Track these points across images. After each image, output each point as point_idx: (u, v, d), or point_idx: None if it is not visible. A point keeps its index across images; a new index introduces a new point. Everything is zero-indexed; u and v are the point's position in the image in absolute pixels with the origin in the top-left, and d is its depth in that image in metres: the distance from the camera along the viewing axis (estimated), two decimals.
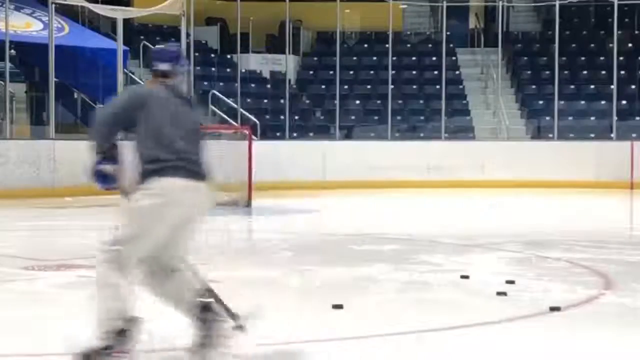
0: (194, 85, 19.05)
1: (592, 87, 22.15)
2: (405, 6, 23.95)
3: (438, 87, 20.91)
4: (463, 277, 7.33)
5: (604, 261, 8.47)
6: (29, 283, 6.93)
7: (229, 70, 21.73)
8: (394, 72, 20.99)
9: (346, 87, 21.66)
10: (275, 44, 23.21)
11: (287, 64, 21.52)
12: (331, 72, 20.74)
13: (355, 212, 14.77)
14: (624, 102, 21.11)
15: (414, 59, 23.29)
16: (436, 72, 21.41)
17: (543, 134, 20.78)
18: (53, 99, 16.32)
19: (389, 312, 6.13)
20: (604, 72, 21.74)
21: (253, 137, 15.19)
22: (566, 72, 21.81)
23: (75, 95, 19.36)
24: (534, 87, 22.39)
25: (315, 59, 23.54)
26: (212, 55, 22.61)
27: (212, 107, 20.39)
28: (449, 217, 13.84)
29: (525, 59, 23.32)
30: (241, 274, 7.74)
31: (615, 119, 20.06)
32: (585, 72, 22.56)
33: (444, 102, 20.36)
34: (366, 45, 23.70)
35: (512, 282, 7.09)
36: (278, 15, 22.02)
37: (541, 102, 21.67)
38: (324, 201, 16.11)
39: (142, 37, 21.28)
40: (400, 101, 21.76)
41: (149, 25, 22.29)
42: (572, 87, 22.07)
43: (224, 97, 20.29)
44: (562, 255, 8.84)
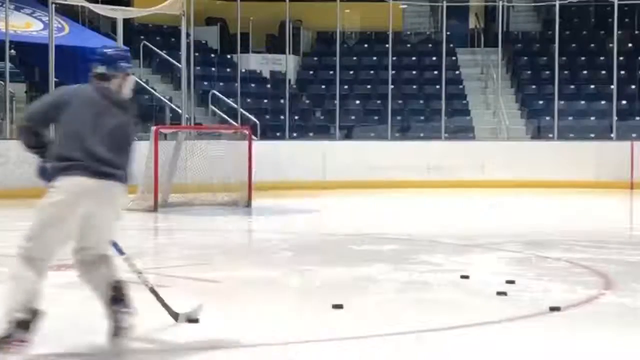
0: (194, 85, 19.03)
1: (592, 87, 22.15)
2: (405, 6, 23.95)
3: (438, 87, 20.90)
4: (463, 277, 7.33)
5: (604, 261, 8.47)
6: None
7: (229, 70, 21.73)
8: (394, 72, 20.97)
9: (346, 87, 21.65)
10: (275, 44, 23.21)
11: (287, 64, 21.51)
12: (331, 72, 20.72)
13: (355, 212, 14.76)
14: (624, 102, 21.11)
15: (414, 59, 23.29)
16: (436, 72, 21.40)
17: (543, 134, 20.77)
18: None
19: (389, 312, 6.13)
20: (604, 72, 21.74)
21: (253, 137, 15.18)
22: (566, 72, 21.80)
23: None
24: (534, 87, 22.38)
25: (315, 59, 23.53)
26: (212, 55, 22.60)
27: (212, 107, 20.39)
28: (449, 217, 13.84)
29: (525, 59, 23.32)
30: (241, 274, 7.74)
31: (615, 119, 20.05)
32: (585, 72, 22.56)
33: (444, 102, 20.35)
34: (366, 45, 23.70)
35: (512, 282, 7.09)
36: (278, 15, 22.01)
37: (541, 102, 21.66)
38: (324, 201, 16.11)
39: (142, 37, 21.30)
40: (400, 101, 21.75)
41: (149, 25, 22.30)
42: (572, 87, 22.07)
43: (224, 97, 20.28)
44: (562, 255, 8.84)
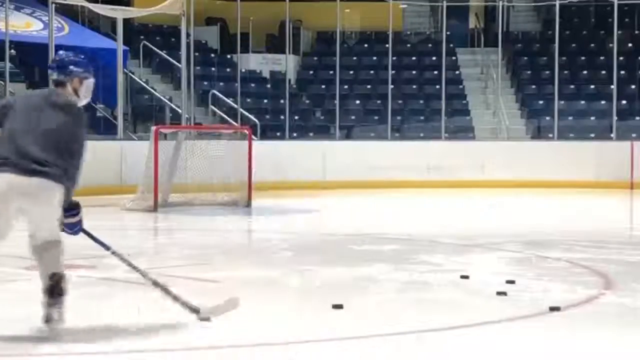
0: (194, 85, 19.03)
1: (592, 87, 22.15)
2: (405, 6, 23.94)
3: (438, 87, 20.89)
4: (463, 277, 7.33)
5: (604, 261, 8.46)
6: (29, 283, 6.91)
7: (229, 70, 21.72)
8: (394, 72, 20.96)
9: (346, 87, 21.65)
10: (275, 44, 23.20)
11: (287, 64, 21.51)
12: (331, 72, 20.71)
13: (355, 212, 14.76)
14: (624, 102, 21.11)
15: (414, 59, 23.28)
16: (436, 72, 21.40)
17: (543, 134, 20.77)
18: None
19: (389, 312, 6.13)
20: (604, 72, 21.73)
21: (253, 137, 15.19)
22: (566, 72, 21.79)
23: None
24: (534, 87, 22.38)
25: (315, 59, 23.53)
26: (212, 55, 22.60)
27: (212, 107, 20.39)
28: (449, 217, 13.83)
29: (525, 59, 23.31)
30: (241, 274, 7.74)
31: (615, 119, 20.05)
32: (585, 72, 22.56)
33: (444, 102, 20.35)
34: (366, 45, 23.69)
35: (512, 282, 7.09)
36: (278, 15, 22.01)
37: (541, 102, 21.66)
38: (324, 201, 16.11)
39: (142, 37, 21.30)
40: (400, 101, 21.74)
41: (149, 25, 22.29)
42: (572, 87, 22.07)
43: (224, 97, 20.28)
44: (562, 255, 8.84)
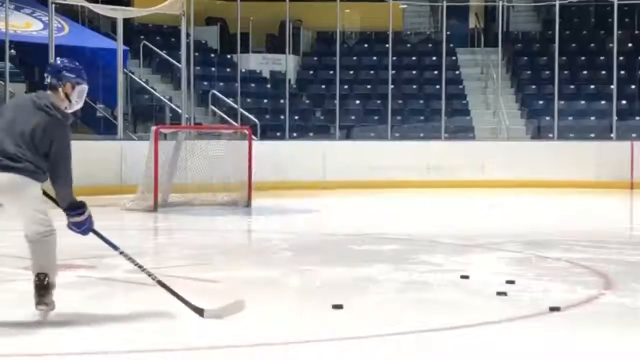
0: (194, 85, 19.03)
1: (592, 87, 22.15)
2: (405, 6, 23.94)
3: (438, 87, 20.89)
4: (463, 277, 7.32)
5: (604, 261, 8.46)
6: (29, 283, 6.91)
7: (229, 70, 21.72)
8: (394, 72, 20.96)
9: (346, 87, 21.65)
10: (275, 44, 23.20)
11: (287, 63, 21.51)
12: (331, 72, 20.71)
13: (355, 212, 14.76)
14: (624, 102, 21.11)
15: (414, 59, 23.28)
16: (436, 72, 21.40)
17: (543, 134, 20.77)
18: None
19: (389, 312, 6.12)
20: (604, 72, 21.73)
21: (253, 137, 15.18)
22: (566, 72, 21.80)
23: None
24: (534, 87, 22.38)
25: (315, 59, 23.53)
26: (212, 55, 22.60)
27: (212, 107, 20.39)
28: (449, 217, 13.83)
29: (525, 59, 23.31)
30: (241, 274, 7.74)
31: (615, 119, 20.05)
32: (585, 72, 22.56)
33: (444, 102, 20.35)
34: (366, 45, 23.69)
35: (512, 282, 7.08)
36: (278, 15, 22.01)
37: (541, 102, 21.66)
38: (324, 201, 16.11)
39: (142, 37, 21.29)
40: (400, 101, 21.75)
41: (149, 25, 22.29)
42: (572, 87, 22.07)
43: (224, 97, 20.28)
44: (562, 255, 8.84)
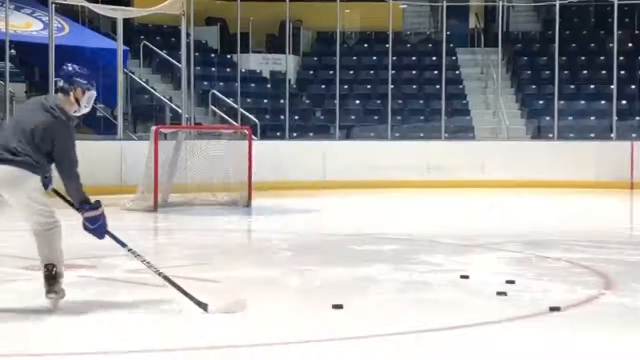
0: (194, 85, 19.02)
1: (592, 87, 22.15)
2: (405, 6, 23.94)
3: (438, 87, 20.89)
4: (463, 277, 7.33)
5: (604, 261, 8.46)
6: (29, 283, 6.92)
7: (229, 70, 21.72)
8: (394, 72, 20.96)
9: (346, 87, 21.65)
10: (275, 44, 23.20)
11: (287, 63, 21.51)
12: (331, 72, 20.71)
13: (355, 212, 14.75)
14: (624, 102, 21.10)
15: (414, 59, 23.28)
16: (436, 72, 21.39)
17: (543, 134, 20.77)
18: None
19: (389, 312, 6.13)
20: (604, 72, 21.73)
21: (253, 137, 15.19)
22: (566, 72, 21.80)
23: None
24: (534, 87, 22.38)
25: (315, 59, 23.53)
26: (212, 55, 22.60)
27: (212, 107, 20.39)
28: (449, 217, 13.83)
29: (525, 59, 23.32)
30: (241, 274, 7.74)
31: (615, 119, 20.05)
32: (585, 72, 22.56)
33: (444, 102, 20.35)
34: (366, 45, 23.69)
35: (512, 282, 7.08)
36: (278, 15, 22.01)
37: (541, 102, 21.66)
38: (324, 201, 16.11)
39: (142, 37, 21.29)
40: (400, 101, 21.75)
41: (149, 25, 22.29)
42: (572, 87, 22.07)
43: (224, 97, 20.28)
44: (562, 255, 8.84)
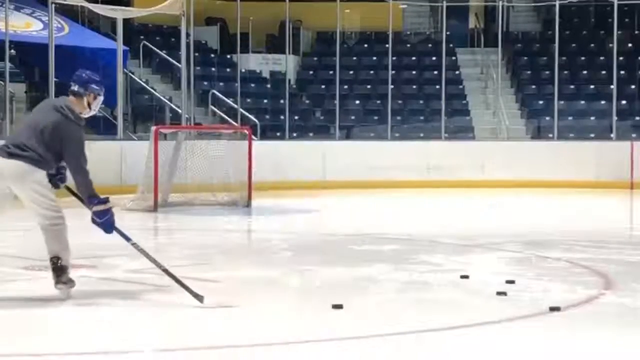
0: (194, 85, 19.02)
1: (592, 87, 22.15)
2: (405, 6, 23.94)
3: (438, 87, 20.89)
4: (463, 277, 7.33)
5: (604, 261, 8.46)
6: (29, 283, 6.93)
7: (229, 70, 21.72)
8: (394, 72, 20.96)
9: (346, 87, 21.64)
10: (275, 44, 23.20)
11: (287, 64, 21.51)
12: (331, 72, 20.71)
13: (355, 212, 14.76)
14: (624, 102, 21.11)
15: (414, 59, 23.28)
16: (436, 72, 21.39)
17: (543, 134, 20.77)
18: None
19: (389, 312, 6.13)
20: (604, 72, 21.73)
21: (253, 137, 15.19)
22: (566, 72, 21.80)
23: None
24: (534, 87, 22.38)
25: (315, 59, 23.53)
26: (212, 55, 22.60)
27: (212, 107, 20.39)
28: (449, 217, 13.83)
29: (525, 59, 23.31)
30: (241, 274, 7.74)
31: (615, 119, 20.05)
32: (585, 72, 22.56)
33: (443, 102, 20.35)
34: (366, 45, 23.69)
35: (512, 282, 7.09)
36: (278, 15, 22.01)
37: (541, 102, 21.66)
38: (324, 201, 16.11)
39: (142, 37, 21.29)
40: (400, 101, 21.74)
41: (149, 25, 22.29)
42: (572, 87, 22.07)
43: (224, 97, 20.27)
44: (562, 255, 8.84)
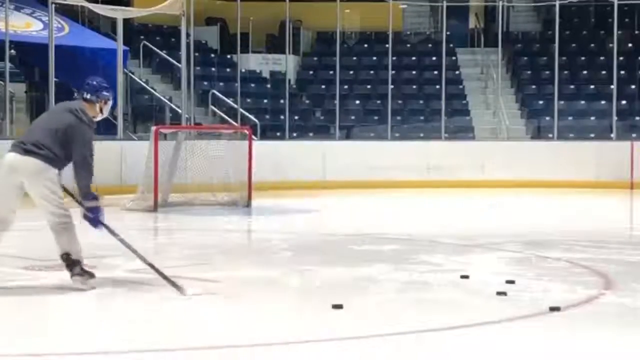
0: (194, 85, 19.02)
1: (592, 87, 22.14)
2: (405, 6, 23.94)
3: (438, 87, 20.89)
4: (463, 277, 7.33)
5: (604, 261, 8.47)
6: (29, 283, 6.93)
7: (229, 70, 21.72)
8: (394, 72, 20.95)
9: (346, 87, 21.64)
10: (275, 44, 23.21)
11: (287, 64, 21.50)
12: (331, 72, 20.70)
13: (355, 212, 14.76)
14: (624, 102, 21.10)
15: (414, 59, 23.28)
16: (436, 72, 21.39)
17: (543, 134, 20.77)
18: (53, 99, 16.30)
19: (389, 312, 6.13)
20: (604, 72, 21.72)
21: (253, 137, 15.18)
22: (566, 72, 21.79)
23: (75, 95, 19.32)
24: (534, 87, 22.38)
25: (315, 59, 23.53)
26: (212, 55, 22.60)
27: (212, 107, 20.39)
28: (449, 217, 13.83)
29: (525, 59, 23.31)
30: (241, 274, 7.74)
31: (615, 119, 20.05)
32: (585, 72, 22.55)
33: (444, 102, 20.34)
34: (366, 45, 23.69)
35: (512, 282, 7.09)
36: (278, 15, 22.01)
37: (541, 102, 21.66)
38: (324, 201, 16.11)
39: (142, 37, 21.29)
40: (400, 101, 21.74)
41: (149, 25, 22.29)
42: (572, 87, 22.06)
43: (224, 97, 20.27)
44: (562, 255, 8.84)
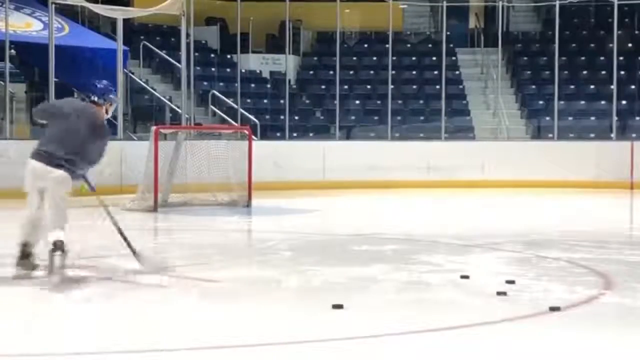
0: (194, 85, 19.02)
1: (592, 87, 22.14)
2: (405, 6, 23.94)
3: (438, 87, 20.89)
4: (463, 277, 7.33)
5: (604, 261, 8.47)
6: (29, 283, 6.92)
7: (228, 70, 21.72)
8: (394, 72, 20.95)
9: (346, 87, 21.64)
10: (275, 44, 23.21)
11: (287, 64, 21.51)
12: (331, 72, 20.70)
13: (355, 212, 14.75)
14: (624, 102, 21.10)
15: (414, 59, 23.28)
16: (436, 72, 21.39)
17: (543, 134, 20.76)
18: (53, 99, 16.31)
19: (389, 312, 6.13)
20: (604, 72, 21.73)
21: (253, 137, 15.19)
22: (566, 72, 21.79)
23: (75, 95, 19.30)
24: (534, 87, 22.37)
25: (315, 59, 23.53)
26: (212, 55, 22.59)
27: (212, 107, 20.39)
28: (449, 217, 13.83)
29: (525, 59, 23.31)
30: (241, 274, 7.74)
31: (615, 119, 20.04)
32: (585, 72, 22.55)
33: (443, 102, 20.34)
34: (366, 45, 23.69)
35: (512, 282, 7.09)
36: (278, 15, 22.02)
37: (541, 102, 21.66)
38: (324, 201, 16.10)
39: (142, 37, 21.29)
40: (400, 101, 21.74)
41: (149, 25, 22.29)
42: (572, 87, 22.06)
43: (223, 97, 20.27)
44: (562, 255, 8.84)
